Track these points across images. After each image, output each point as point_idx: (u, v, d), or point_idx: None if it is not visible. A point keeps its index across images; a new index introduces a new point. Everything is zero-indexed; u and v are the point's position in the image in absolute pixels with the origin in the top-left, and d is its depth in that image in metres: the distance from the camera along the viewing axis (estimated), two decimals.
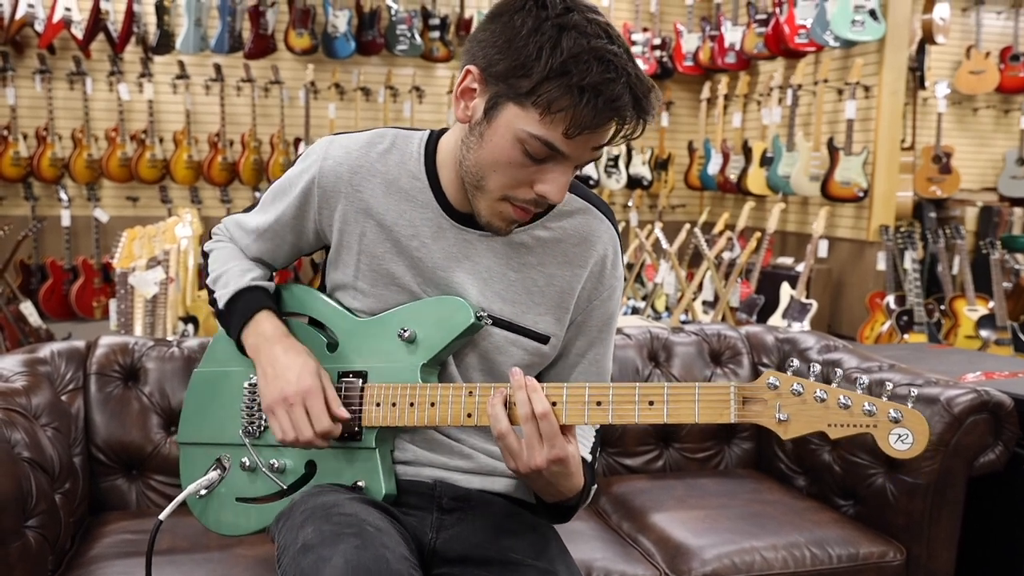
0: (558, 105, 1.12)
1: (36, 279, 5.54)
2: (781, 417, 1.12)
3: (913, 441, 1.09)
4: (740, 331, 2.42)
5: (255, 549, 1.66)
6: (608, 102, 1.11)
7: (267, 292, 1.43)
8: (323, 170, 1.34)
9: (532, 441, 1.17)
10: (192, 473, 1.45)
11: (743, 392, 1.14)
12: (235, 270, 1.44)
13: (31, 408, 1.70)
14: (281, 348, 1.33)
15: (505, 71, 1.15)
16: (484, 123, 1.20)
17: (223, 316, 1.43)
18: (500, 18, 1.17)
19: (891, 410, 1.09)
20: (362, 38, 5.82)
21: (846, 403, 1.10)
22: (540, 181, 1.19)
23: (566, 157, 1.17)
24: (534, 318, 1.35)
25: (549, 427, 1.16)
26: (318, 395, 1.28)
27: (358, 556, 1.07)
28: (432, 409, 1.26)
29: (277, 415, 1.29)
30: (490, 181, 1.22)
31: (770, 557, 1.79)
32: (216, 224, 1.57)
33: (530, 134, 1.15)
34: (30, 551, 1.48)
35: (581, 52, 1.10)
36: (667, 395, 1.15)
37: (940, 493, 1.87)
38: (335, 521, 1.14)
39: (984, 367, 2.40)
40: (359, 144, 1.35)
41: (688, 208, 6.77)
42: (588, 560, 1.72)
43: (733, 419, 1.13)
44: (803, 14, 5.16)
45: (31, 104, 5.55)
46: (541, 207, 1.25)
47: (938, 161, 5.48)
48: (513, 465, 1.20)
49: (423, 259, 1.32)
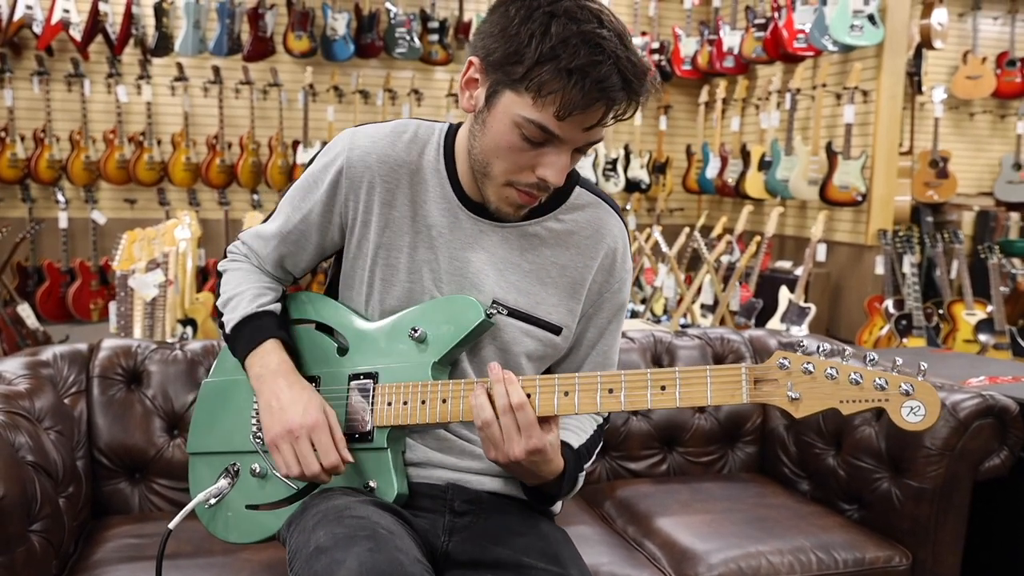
0: (548, 88, 1.15)
1: (33, 281, 5.52)
2: (793, 396, 1.12)
3: (925, 413, 1.09)
4: (743, 335, 2.42)
5: (260, 554, 1.65)
6: (596, 83, 1.14)
7: (275, 319, 1.41)
8: (351, 160, 1.34)
9: (511, 432, 1.19)
10: (201, 482, 1.44)
11: (754, 373, 1.15)
12: (247, 294, 1.42)
13: (34, 411, 1.69)
14: (286, 382, 1.31)
15: (501, 59, 1.19)
16: (486, 111, 1.24)
17: (229, 340, 1.42)
18: (498, 9, 1.22)
19: (902, 383, 1.09)
20: (361, 41, 5.81)
21: (857, 379, 1.11)
22: (540, 165, 1.23)
23: (562, 140, 1.20)
24: (547, 309, 1.37)
25: (525, 418, 1.19)
26: (324, 430, 1.27)
27: (372, 559, 1.07)
28: (444, 406, 1.27)
29: (281, 449, 1.28)
30: (494, 167, 1.25)
31: (776, 562, 1.79)
32: (215, 228, 1.57)
33: (525, 118, 1.19)
34: (35, 555, 1.47)
35: (570, 36, 1.14)
36: (679, 378, 1.15)
37: (945, 497, 1.87)
38: (347, 524, 1.13)
39: (987, 371, 2.40)
40: (384, 133, 1.37)
41: (686, 212, 6.78)
42: (594, 564, 1.71)
43: (745, 399, 1.14)
44: (802, 19, 5.16)
45: (29, 106, 5.54)
46: (544, 191, 1.27)
47: (935, 166, 5.49)
48: (493, 455, 1.22)
49: (440, 248, 1.34)
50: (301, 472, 1.27)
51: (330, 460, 1.26)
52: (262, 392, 1.32)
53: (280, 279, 1.49)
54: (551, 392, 1.21)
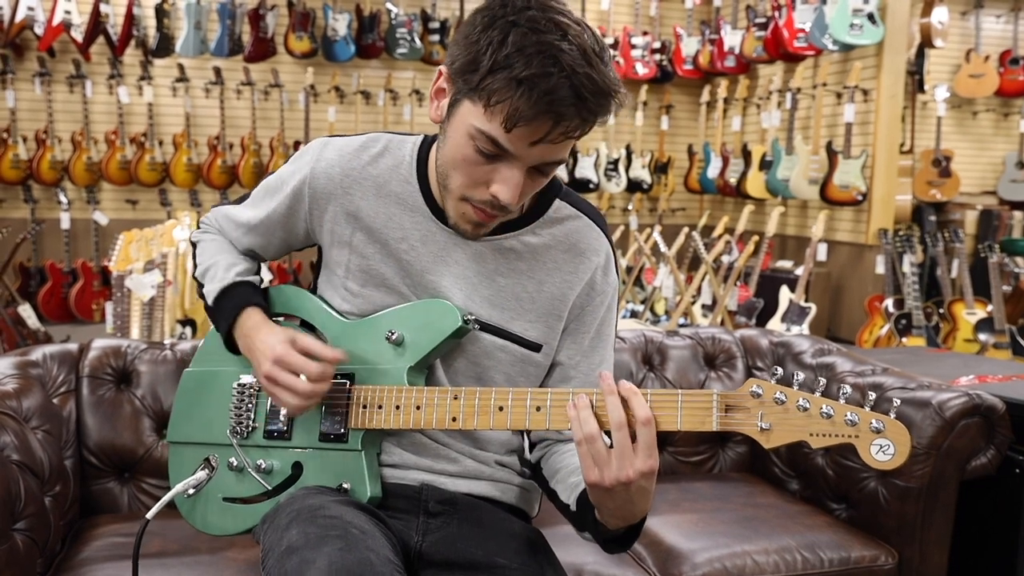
0: (497, 97, 1.11)
1: (35, 282, 5.55)
2: (763, 426, 1.11)
3: (895, 452, 1.08)
4: (735, 334, 2.41)
5: (245, 552, 1.66)
6: (544, 94, 1.08)
7: (253, 287, 1.43)
8: (315, 172, 1.34)
9: (625, 451, 1.09)
10: (181, 472, 1.45)
11: (726, 400, 1.13)
12: (222, 263, 1.44)
13: (21, 411, 1.70)
14: (262, 335, 1.33)
15: (461, 67, 1.15)
16: (447, 121, 1.21)
17: (211, 312, 1.44)
18: (471, 18, 1.17)
19: (873, 420, 1.08)
20: (362, 41, 5.83)
21: (828, 412, 1.10)
22: (493, 180, 1.18)
23: (513, 155, 1.15)
24: (524, 325, 1.34)
25: (649, 435, 1.10)
26: (290, 352, 1.26)
27: (342, 558, 1.07)
28: (418, 412, 1.26)
29: (273, 391, 1.29)
30: (452, 180, 1.22)
31: (761, 561, 1.78)
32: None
33: (477, 128, 1.14)
34: (18, 554, 1.48)
35: (527, 46, 1.09)
36: (650, 402, 1.14)
37: (932, 496, 1.87)
38: (320, 523, 1.13)
39: (978, 371, 2.40)
40: (352, 148, 1.36)
41: (688, 211, 6.77)
42: (579, 564, 1.71)
43: (715, 427, 1.12)
44: (802, 18, 5.16)
45: (31, 107, 5.56)
46: (498, 210, 1.22)
47: (938, 165, 5.47)
48: (596, 476, 1.10)
49: (412, 262, 1.32)
50: (299, 402, 1.26)
51: (309, 370, 1.25)
52: (251, 354, 1.34)
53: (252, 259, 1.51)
54: (523, 407, 1.20)
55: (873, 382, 2.03)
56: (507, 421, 1.22)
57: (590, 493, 1.16)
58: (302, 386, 1.26)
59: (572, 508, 1.28)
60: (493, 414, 1.22)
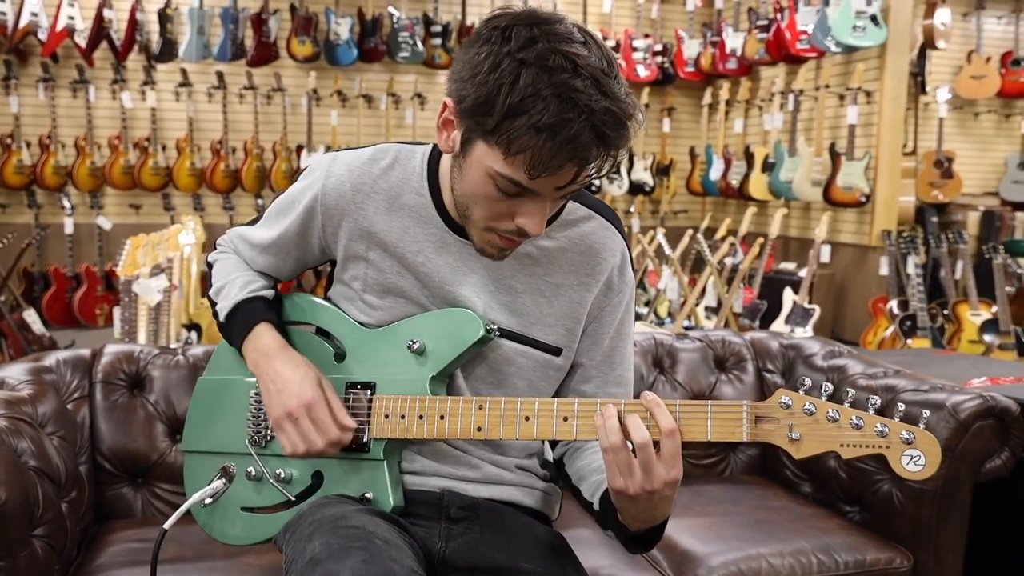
0: (518, 145, 1.09)
1: (39, 287, 5.55)
2: (793, 436, 1.12)
3: (925, 463, 1.09)
4: (745, 337, 2.41)
5: (261, 558, 1.66)
6: (566, 143, 1.07)
7: (267, 303, 1.42)
8: (326, 189, 1.34)
9: (650, 462, 1.11)
10: (197, 481, 1.44)
11: (756, 411, 1.14)
12: (237, 282, 1.44)
13: (37, 417, 1.70)
14: (280, 362, 1.32)
15: (472, 107, 1.12)
16: (461, 157, 1.19)
17: (224, 329, 1.44)
18: (470, 49, 1.14)
19: (903, 431, 1.09)
20: (364, 45, 5.83)
21: (858, 423, 1.10)
22: (518, 214, 1.18)
23: (537, 194, 1.15)
24: (543, 329, 1.34)
25: (673, 446, 1.11)
26: (322, 405, 1.28)
27: (366, 570, 1.06)
28: (442, 422, 1.26)
29: (285, 430, 1.29)
30: (474, 212, 1.22)
31: (776, 564, 1.78)
32: (219, 232, 1.57)
33: (498, 172, 1.13)
34: (37, 560, 1.48)
35: (541, 89, 1.06)
36: (679, 413, 1.14)
37: (946, 499, 1.87)
38: (343, 534, 1.13)
39: (989, 372, 2.40)
40: (361, 161, 1.35)
41: (690, 214, 6.78)
42: (595, 567, 1.71)
43: (746, 437, 1.13)
44: (804, 20, 5.17)
45: (34, 112, 5.56)
46: (523, 236, 1.22)
47: (940, 166, 5.48)
48: (621, 484, 1.12)
49: (429, 274, 1.32)
50: (306, 450, 1.27)
51: (329, 436, 1.26)
52: (260, 377, 1.34)
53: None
54: (550, 417, 1.21)
55: (885, 384, 2.03)
56: (534, 431, 1.21)
57: (614, 498, 1.17)
58: (318, 443, 1.27)
59: (595, 507, 1.29)
60: (520, 424, 1.22)
